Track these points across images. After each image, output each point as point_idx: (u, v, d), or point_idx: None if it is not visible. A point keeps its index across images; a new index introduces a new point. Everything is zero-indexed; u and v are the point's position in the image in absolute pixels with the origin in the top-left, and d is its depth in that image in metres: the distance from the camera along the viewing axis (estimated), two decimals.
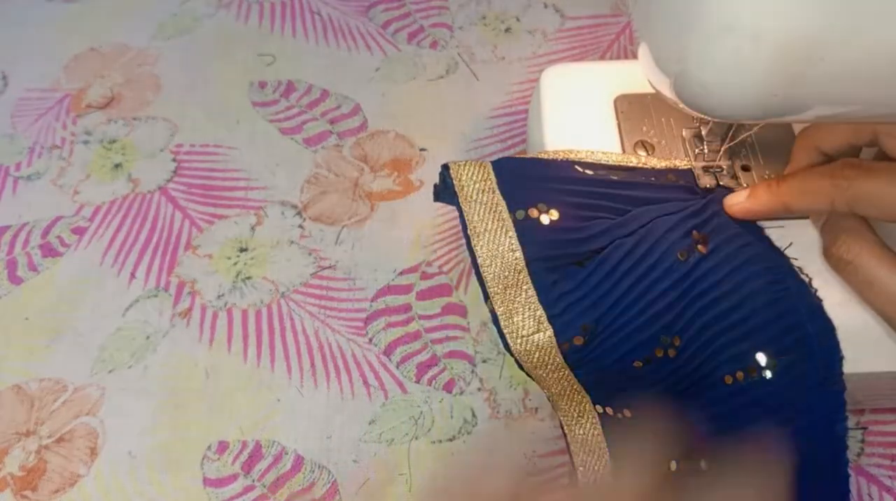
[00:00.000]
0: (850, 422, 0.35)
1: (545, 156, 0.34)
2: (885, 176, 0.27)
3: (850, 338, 0.30)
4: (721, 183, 0.34)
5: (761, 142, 0.36)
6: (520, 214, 0.31)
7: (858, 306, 0.31)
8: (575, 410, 0.31)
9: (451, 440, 0.35)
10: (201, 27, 0.53)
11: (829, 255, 0.30)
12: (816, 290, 0.30)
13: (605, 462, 0.30)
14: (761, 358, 0.29)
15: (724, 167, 0.35)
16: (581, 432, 0.31)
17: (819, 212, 0.31)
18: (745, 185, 0.34)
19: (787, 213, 0.31)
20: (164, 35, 0.53)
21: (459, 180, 0.32)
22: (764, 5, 0.22)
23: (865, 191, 0.28)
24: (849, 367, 0.30)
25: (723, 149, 0.35)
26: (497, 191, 0.32)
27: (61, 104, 0.49)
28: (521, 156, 0.35)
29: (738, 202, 0.32)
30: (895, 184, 0.27)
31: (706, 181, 0.34)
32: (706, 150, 0.35)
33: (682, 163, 0.35)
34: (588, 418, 0.31)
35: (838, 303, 0.31)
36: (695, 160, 0.35)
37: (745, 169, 0.35)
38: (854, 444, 0.34)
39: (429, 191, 0.43)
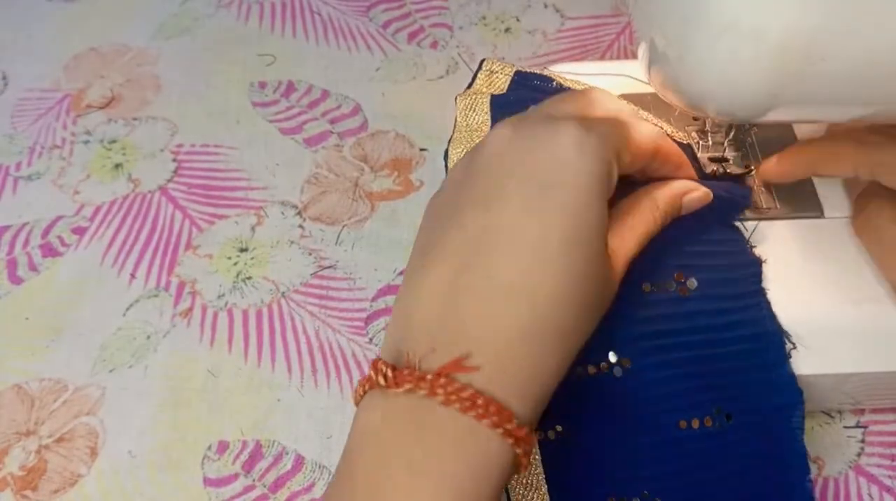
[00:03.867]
0: (851, 422, 0.35)
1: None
2: None
3: (850, 338, 0.30)
4: (728, 170, 0.34)
5: (761, 142, 0.36)
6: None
7: (859, 306, 0.31)
8: None
9: None
10: (201, 27, 0.53)
11: (857, 219, 0.30)
12: (791, 356, 0.30)
13: (544, 495, 0.29)
14: (718, 411, 0.29)
15: (731, 158, 0.35)
16: None
17: (843, 176, 0.31)
18: (752, 169, 0.34)
19: (814, 175, 0.32)
20: (164, 35, 0.53)
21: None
22: (764, 5, 0.22)
23: (888, 159, 0.28)
24: (849, 367, 0.30)
25: (727, 140, 0.35)
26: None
27: (61, 104, 0.49)
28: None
29: (767, 168, 0.32)
30: None
31: (712, 168, 0.34)
32: (710, 143, 0.35)
33: (682, 136, 0.35)
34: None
35: (839, 304, 0.31)
36: (699, 152, 0.35)
37: (746, 167, 0.35)
38: (854, 444, 0.34)
39: (429, 190, 0.43)
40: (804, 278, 0.31)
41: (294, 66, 0.50)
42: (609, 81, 0.38)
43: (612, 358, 0.29)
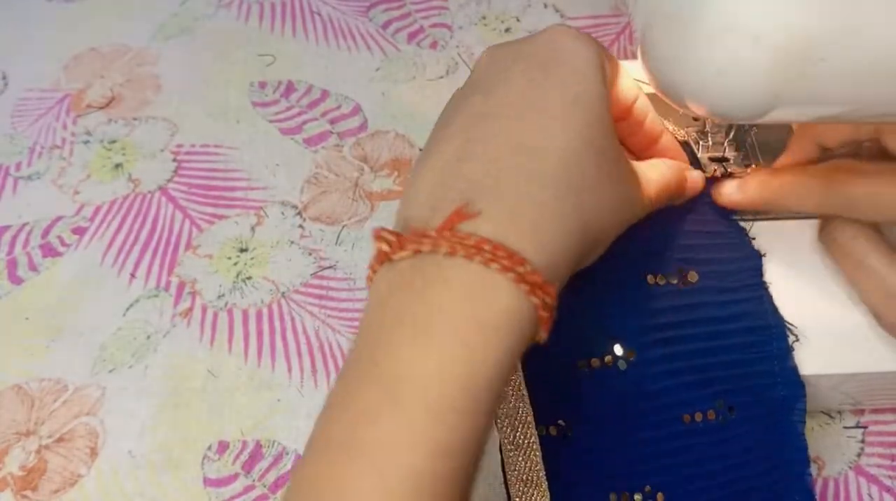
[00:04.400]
0: (851, 422, 0.35)
1: None
2: (877, 177, 0.27)
3: (850, 338, 0.30)
4: (728, 169, 0.34)
5: (761, 142, 0.36)
6: None
7: (859, 306, 0.31)
8: (520, 436, 0.29)
9: None
10: (201, 27, 0.53)
11: (824, 237, 0.30)
12: (794, 349, 0.30)
13: (545, 492, 0.29)
14: (721, 404, 0.29)
15: (731, 158, 0.35)
16: (522, 462, 0.29)
17: (805, 211, 0.30)
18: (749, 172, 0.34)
19: (774, 209, 0.31)
20: (164, 35, 0.53)
21: None
22: (764, 6, 0.22)
23: (857, 194, 0.27)
24: (849, 367, 0.30)
25: (726, 141, 0.35)
26: None
27: (61, 104, 0.49)
28: None
29: (727, 193, 0.32)
30: (888, 185, 0.27)
31: (713, 168, 0.34)
32: (711, 143, 0.35)
33: (682, 135, 0.35)
34: (531, 447, 0.29)
35: (839, 304, 0.31)
36: (700, 152, 0.35)
37: (747, 167, 0.35)
38: (854, 444, 0.34)
39: None
40: (804, 278, 0.31)
41: (294, 66, 0.50)
42: None
43: (619, 350, 0.29)
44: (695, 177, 0.32)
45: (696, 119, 0.36)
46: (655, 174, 0.29)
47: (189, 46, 0.52)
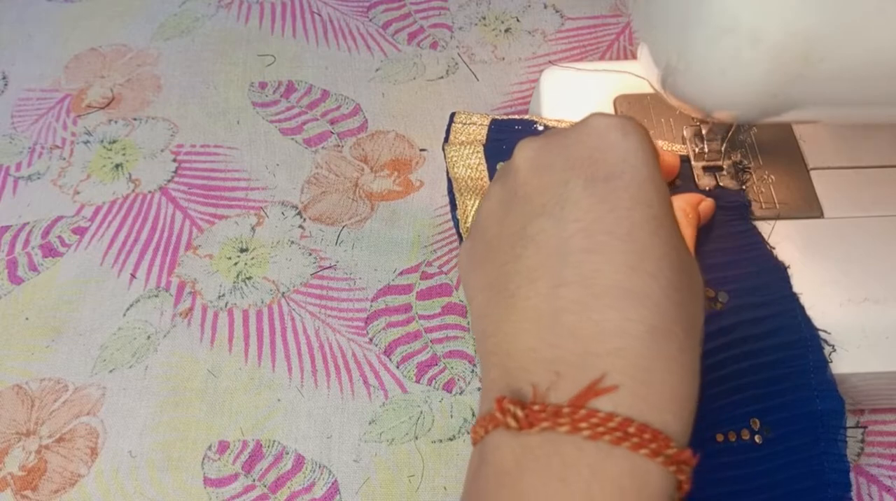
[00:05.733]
0: (850, 422, 0.35)
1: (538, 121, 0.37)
2: None
3: (850, 338, 0.30)
4: (721, 183, 0.34)
5: (761, 142, 0.36)
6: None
7: (859, 306, 0.31)
8: None
9: (451, 439, 0.35)
10: (201, 27, 0.53)
11: None
12: (831, 360, 0.29)
13: None
14: (755, 423, 0.29)
15: (724, 167, 0.35)
16: None
17: None
18: (744, 187, 0.34)
19: None
20: (165, 35, 0.53)
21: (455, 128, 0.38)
22: (763, 6, 0.22)
23: None
24: (849, 367, 0.30)
25: (723, 148, 0.35)
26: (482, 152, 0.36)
27: (62, 104, 0.49)
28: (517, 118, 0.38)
29: None
30: None
31: (706, 182, 0.34)
32: (706, 149, 0.35)
33: (679, 149, 0.35)
34: None
35: (839, 304, 0.31)
36: (695, 160, 0.35)
37: (745, 169, 0.35)
38: (854, 444, 0.34)
39: (429, 191, 0.44)
40: (804, 278, 0.32)
41: (294, 66, 0.50)
42: (610, 80, 0.38)
43: None
44: (709, 205, 0.32)
45: (695, 119, 0.36)
46: (690, 231, 0.29)
47: (189, 46, 0.52)
